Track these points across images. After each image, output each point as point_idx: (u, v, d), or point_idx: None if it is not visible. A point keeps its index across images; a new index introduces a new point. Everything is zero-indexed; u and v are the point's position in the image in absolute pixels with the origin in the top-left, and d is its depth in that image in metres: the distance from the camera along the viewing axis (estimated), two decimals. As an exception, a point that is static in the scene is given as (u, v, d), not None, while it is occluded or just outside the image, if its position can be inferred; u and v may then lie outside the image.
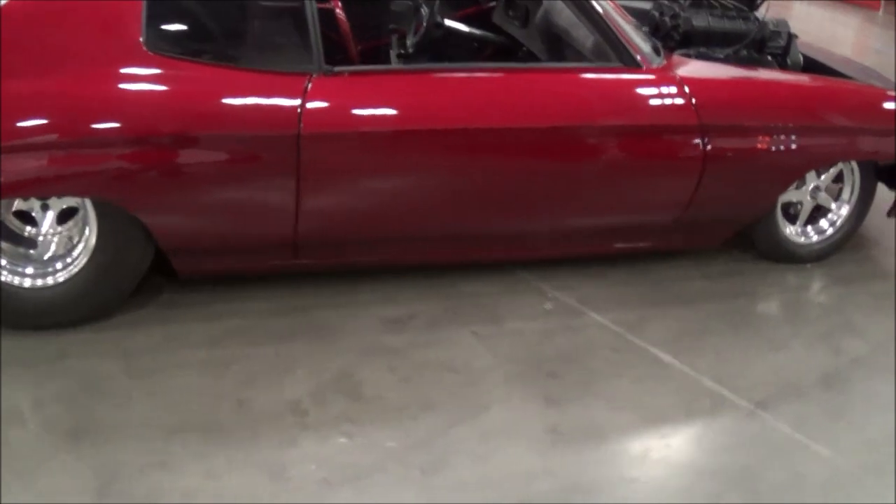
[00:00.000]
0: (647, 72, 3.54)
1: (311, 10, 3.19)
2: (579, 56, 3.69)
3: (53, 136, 2.98)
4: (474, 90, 3.44)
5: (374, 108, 3.27)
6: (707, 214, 3.82)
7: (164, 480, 2.64)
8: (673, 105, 3.54)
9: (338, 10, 3.83)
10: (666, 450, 2.97)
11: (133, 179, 3.10)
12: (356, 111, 3.24)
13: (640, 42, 3.62)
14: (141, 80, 3.06)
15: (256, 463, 2.74)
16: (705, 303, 3.83)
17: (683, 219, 3.78)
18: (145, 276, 3.37)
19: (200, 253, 3.39)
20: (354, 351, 3.29)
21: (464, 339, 3.42)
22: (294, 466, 2.74)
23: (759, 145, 3.72)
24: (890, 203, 4.26)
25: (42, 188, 3.11)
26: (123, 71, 3.04)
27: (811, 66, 4.33)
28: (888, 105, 4.03)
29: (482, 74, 3.53)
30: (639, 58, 3.53)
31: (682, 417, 3.13)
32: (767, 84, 3.92)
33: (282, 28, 3.37)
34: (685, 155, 3.58)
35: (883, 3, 10.90)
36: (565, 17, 3.71)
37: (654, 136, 3.56)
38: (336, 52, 3.62)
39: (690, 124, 3.53)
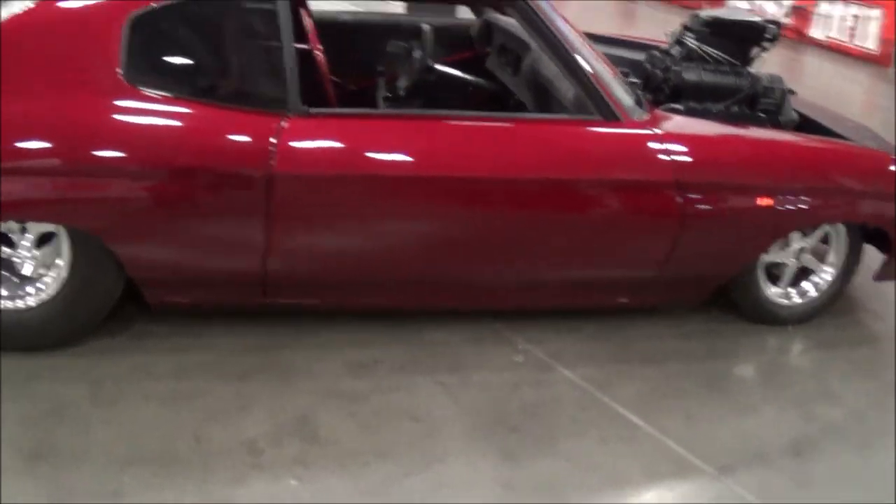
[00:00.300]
0: (626, 125, 3.53)
1: (288, 49, 3.21)
2: (562, 107, 3.68)
3: (30, 162, 3.02)
4: (451, 138, 3.45)
5: (348, 151, 3.28)
6: (685, 272, 3.80)
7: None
8: (650, 160, 3.52)
9: (317, 52, 3.83)
10: (623, 512, 2.93)
11: (104, 209, 3.14)
12: (330, 153, 3.25)
13: (621, 95, 3.60)
14: (117, 111, 3.08)
15: (205, 499, 2.74)
16: (679, 363, 3.78)
17: (661, 275, 3.76)
18: (119, 305, 3.41)
19: (171, 285, 3.40)
20: (316, 393, 3.29)
21: (428, 388, 3.40)
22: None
23: (738, 204, 3.69)
24: (877, 266, 4.23)
25: (18, 212, 3.15)
26: (100, 101, 3.06)
27: (806, 123, 4.34)
28: (878, 166, 4.02)
29: (460, 123, 3.53)
30: (618, 111, 3.51)
31: (643, 480, 3.09)
32: (750, 142, 3.90)
33: (259, 67, 3.38)
34: (662, 211, 3.56)
35: (895, 60, 10.88)
36: (551, 67, 3.71)
37: (629, 190, 3.55)
38: (316, 93, 3.63)
39: (667, 180, 3.51)
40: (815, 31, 11.25)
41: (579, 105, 3.57)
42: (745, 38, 4.42)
